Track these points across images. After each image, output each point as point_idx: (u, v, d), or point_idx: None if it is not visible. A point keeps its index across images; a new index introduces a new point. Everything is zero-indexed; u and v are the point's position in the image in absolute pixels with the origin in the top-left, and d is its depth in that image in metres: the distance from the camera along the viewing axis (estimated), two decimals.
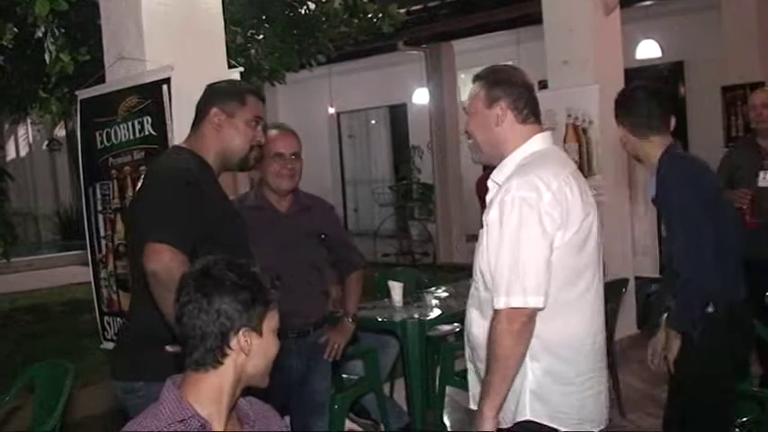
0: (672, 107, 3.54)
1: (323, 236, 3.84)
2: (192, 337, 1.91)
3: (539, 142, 2.66)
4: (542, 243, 2.44)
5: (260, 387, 2.04)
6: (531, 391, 2.50)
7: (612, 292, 5.50)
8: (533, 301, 2.41)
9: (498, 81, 2.67)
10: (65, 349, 7.18)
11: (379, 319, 4.92)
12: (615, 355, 5.50)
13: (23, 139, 19.61)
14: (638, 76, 10.07)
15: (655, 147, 3.47)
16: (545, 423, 2.51)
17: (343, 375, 4.85)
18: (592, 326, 2.62)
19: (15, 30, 5.02)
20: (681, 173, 3.41)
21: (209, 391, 1.93)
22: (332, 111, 15.37)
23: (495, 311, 2.44)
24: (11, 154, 19.20)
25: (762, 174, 5.05)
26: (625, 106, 3.59)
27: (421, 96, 13.25)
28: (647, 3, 9.91)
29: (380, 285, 5.61)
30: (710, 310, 3.30)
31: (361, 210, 15.66)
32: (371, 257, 10.82)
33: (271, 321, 1.99)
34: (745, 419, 3.67)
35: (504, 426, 2.51)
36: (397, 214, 14.23)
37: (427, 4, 10.79)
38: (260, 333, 1.95)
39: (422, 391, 4.70)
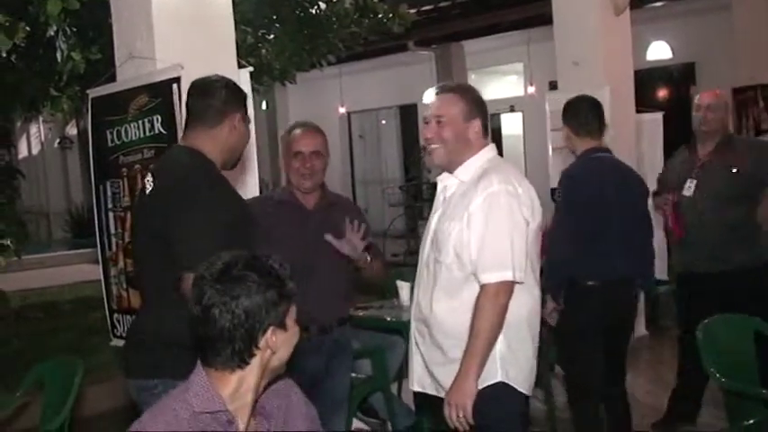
0: (603, 118, 4.44)
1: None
2: (219, 339, 1.90)
3: (491, 151, 3.11)
4: (524, 228, 2.89)
5: (278, 374, 2.07)
6: (501, 356, 2.89)
7: None
8: (519, 276, 2.84)
9: (476, 101, 3.10)
10: (74, 346, 7.21)
11: (388, 319, 4.94)
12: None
13: (35, 138, 19.70)
14: (648, 77, 10.10)
15: (585, 145, 4.34)
16: (515, 386, 2.92)
17: (352, 374, 4.86)
18: (538, 303, 3.07)
19: (27, 28, 5.03)
20: (576, 168, 4.35)
21: (235, 388, 1.95)
22: (342, 111, 15.41)
23: (482, 287, 2.83)
24: (23, 152, 19.29)
25: (688, 182, 4.80)
26: (572, 111, 4.43)
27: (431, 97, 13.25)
28: (658, 4, 9.91)
29: (389, 285, 5.61)
30: (591, 282, 4.13)
31: (372, 210, 15.68)
32: None
33: (292, 313, 2.01)
34: (752, 422, 3.66)
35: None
36: (407, 214, 14.24)
37: (438, 5, 10.80)
38: (285, 328, 1.97)
39: None
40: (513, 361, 2.92)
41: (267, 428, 2.05)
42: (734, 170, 4.67)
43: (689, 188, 4.79)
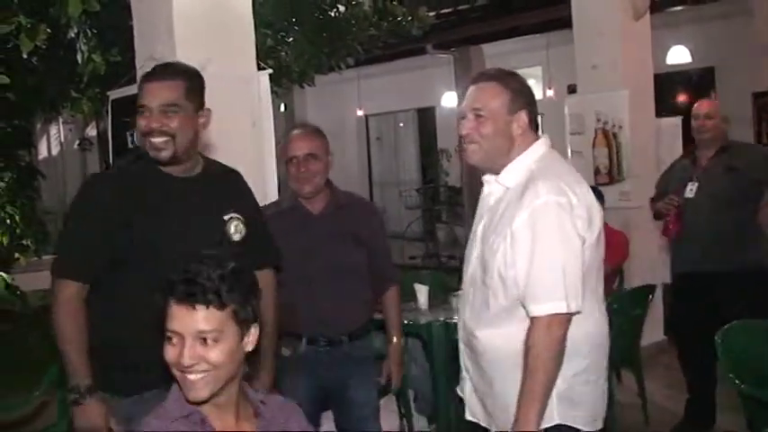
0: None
1: (357, 237, 3.56)
2: None
3: (542, 146, 2.66)
4: (579, 246, 2.47)
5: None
6: (559, 394, 2.49)
7: (639, 298, 5.49)
8: (575, 306, 2.43)
9: (521, 89, 2.65)
10: None
11: (405, 322, 4.92)
12: (641, 362, 5.47)
13: (55, 139, 19.79)
14: (668, 81, 10.06)
15: None
16: (575, 426, 2.54)
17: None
18: (606, 322, 2.67)
19: (48, 31, 5.07)
20: None
21: None
22: (360, 113, 15.42)
23: (533, 320, 2.44)
24: (43, 153, 19.37)
25: (689, 185, 4.91)
26: None
27: (450, 100, 13.26)
28: (678, 8, 9.86)
29: (406, 288, 5.60)
30: None
31: (389, 212, 15.67)
32: (398, 260, 10.82)
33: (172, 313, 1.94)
34: None
35: None
36: (425, 217, 14.24)
37: (457, 8, 10.79)
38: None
39: (447, 394, 4.69)
40: (572, 398, 2.54)
41: (265, 430, 2.05)
42: (734, 173, 4.78)
43: (691, 190, 4.91)
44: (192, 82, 2.79)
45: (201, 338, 1.88)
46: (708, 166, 4.92)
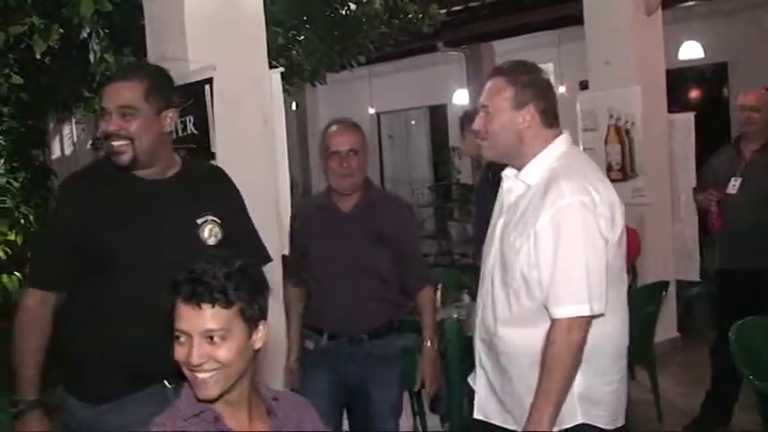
0: None
1: (382, 237, 3.54)
2: None
3: (563, 144, 2.65)
4: (602, 247, 2.45)
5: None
6: (580, 394, 2.50)
7: (653, 294, 5.48)
8: (597, 308, 2.42)
9: (531, 82, 2.63)
10: None
11: (418, 319, 4.92)
12: (655, 359, 5.46)
13: (68, 138, 19.83)
14: (680, 76, 10.01)
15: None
16: (597, 425, 2.54)
17: None
18: (627, 322, 2.66)
19: (61, 31, 5.09)
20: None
21: None
22: (372, 111, 15.40)
23: (554, 321, 2.43)
24: (56, 153, 19.42)
25: (733, 180, 4.85)
26: (471, 122, 4.33)
27: (461, 97, 13.23)
28: (690, 3, 9.81)
29: None
30: None
31: None
32: None
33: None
34: None
35: None
36: (437, 215, 14.22)
37: (468, 5, 10.76)
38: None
39: (460, 392, 4.69)
40: (595, 398, 2.54)
41: (278, 429, 2.05)
42: None
43: (734, 186, 4.84)
44: (154, 82, 2.70)
45: (209, 337, 1.89)
46: (752, 160, 4.87)
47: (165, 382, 2.64)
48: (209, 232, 2.75)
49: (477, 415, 2.78)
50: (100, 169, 2.83)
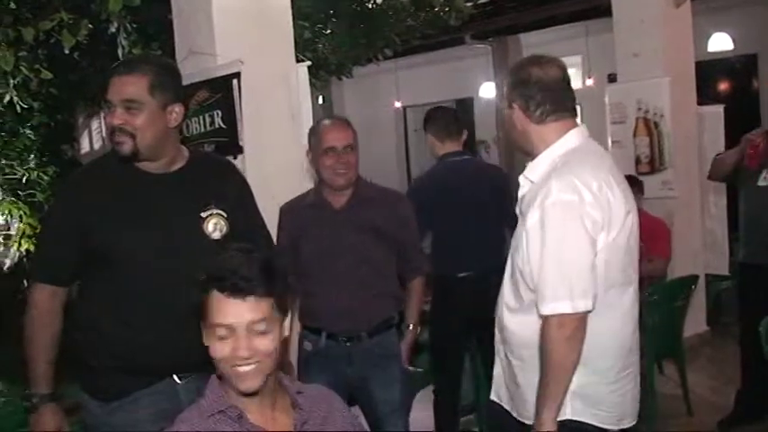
0: (463, 127, 4.80)
1: (377, 231, 3.52)
2: None
3: (573, 138, 2.61)
4: (586, 246, 2.42)
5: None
6: (572, 391, 2.48)
7: (682, 288, 5.45)
8: (582, 305, 2.40)
9: (515, 83, 2.65)
10: None
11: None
12: (684, 353, 5.42)
13: (97, 133, 19.97)
14: (709, 68, 9.92)
15: (444, 149, 4.69)
16: (587, 421, 2.53)
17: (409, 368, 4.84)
18: (633, 322, 2.63)
19: (90, 26, 5.13)
20: (422, 173, 5.02)
21: None
22: (398, 105, 15.38)
23: (544, 318, 2.43)
24: (85, 147, 19.59)
25: (764, 172, 4.73)
26: (431, 119, 4.79)
27: (488, 90, 13.18)
28: None
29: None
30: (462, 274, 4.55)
31: None
32: None
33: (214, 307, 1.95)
34: None
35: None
36: None
37: None
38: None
39: (486, 381, 4.67)
40: (592, 396, 2.53)
41: (303, 421, 2.05)
42: None
43: (764, 178, 4.72)
44: (159, 77, 2.65)
45: (252, 329, 1.90)
46: None
47: (175, 378, 2.66)
48: (214, 226, 2.73)
49: (493, 397, 2.83)
50: (106, 163, 2.81)
